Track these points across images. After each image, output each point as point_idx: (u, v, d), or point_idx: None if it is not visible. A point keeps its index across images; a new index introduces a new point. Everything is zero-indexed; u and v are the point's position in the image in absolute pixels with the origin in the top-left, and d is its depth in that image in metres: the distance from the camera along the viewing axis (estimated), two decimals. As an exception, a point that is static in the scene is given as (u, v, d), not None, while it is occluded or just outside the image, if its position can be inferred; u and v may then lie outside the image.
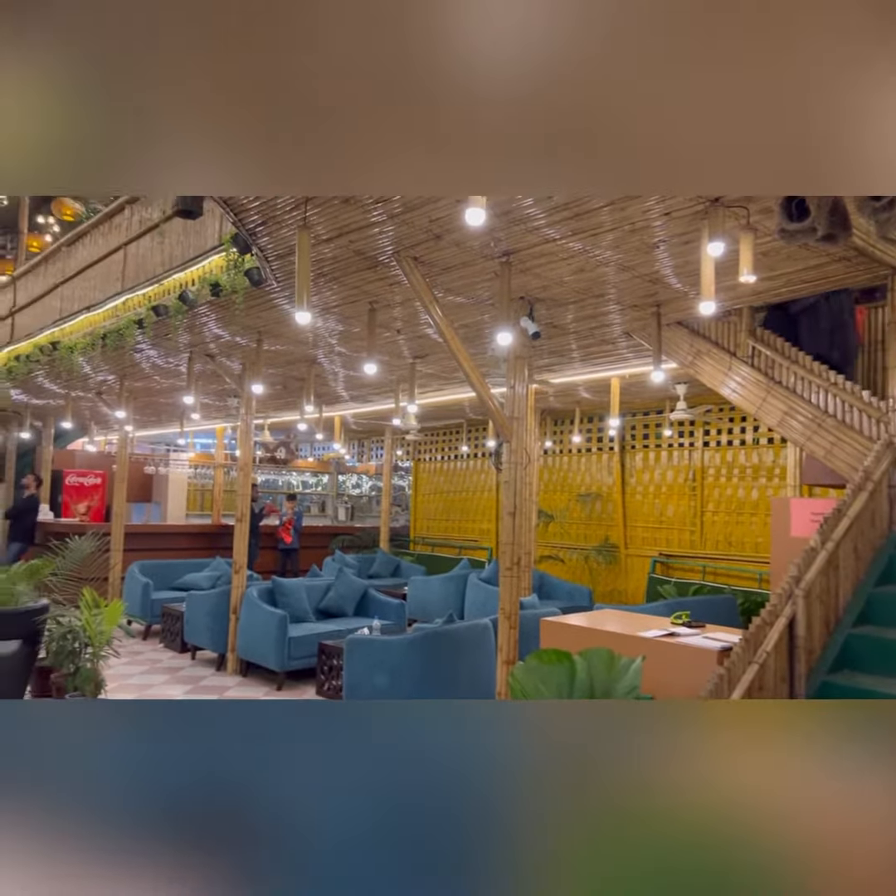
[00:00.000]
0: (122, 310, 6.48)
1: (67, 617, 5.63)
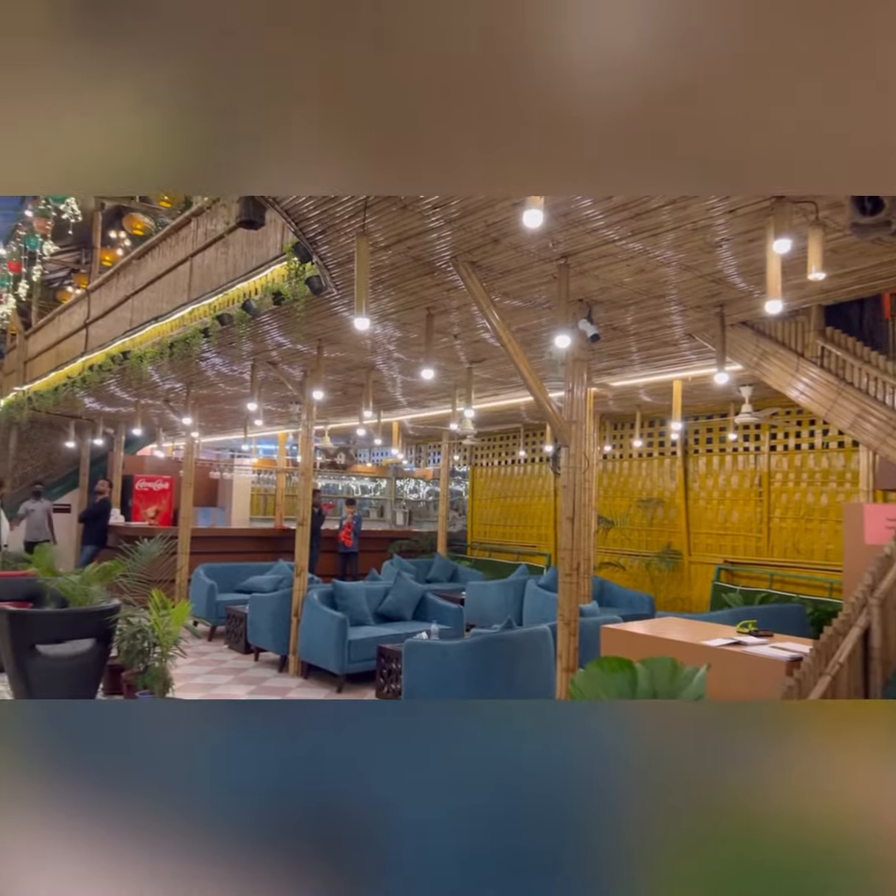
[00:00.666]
0: (188, 319, 6.68)
1: (137, 617, 5.82)
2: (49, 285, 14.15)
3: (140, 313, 7.98)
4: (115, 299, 8.72)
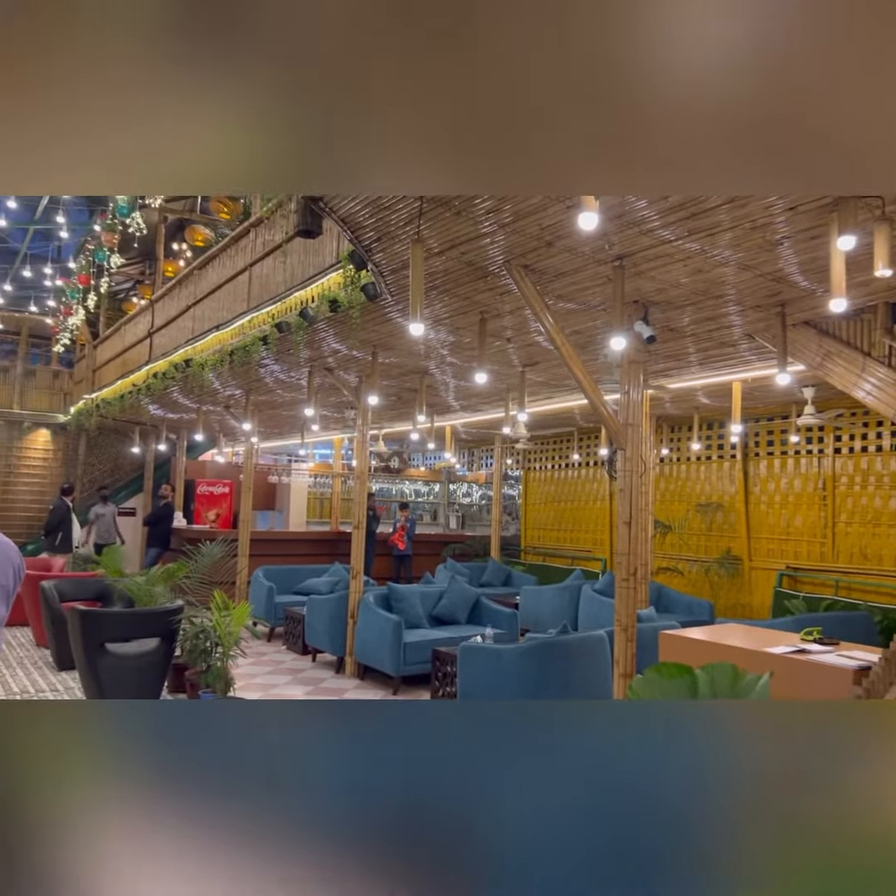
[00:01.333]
0: (247, 328, 6.86)
1: (199, 618, 5.99)
2: (115, 296, 14.70)
3: (201, 322, 8.22)
4: (178, 309, 9.00)
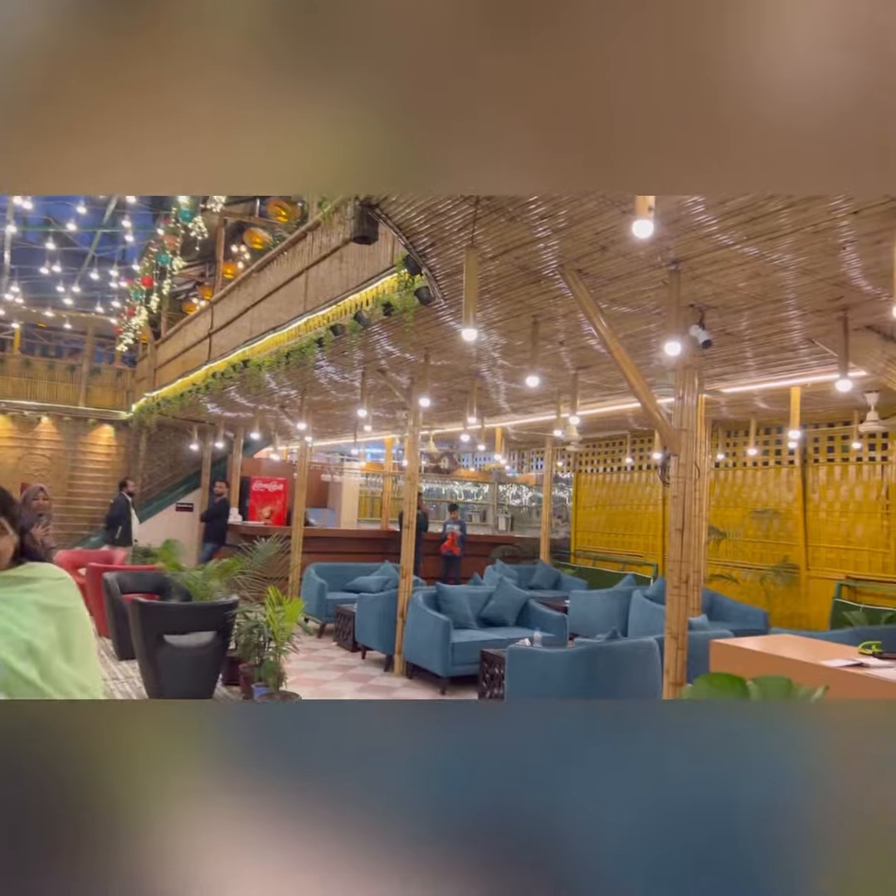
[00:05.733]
0: (303, 329, 7.00)
1: (254, 613, 6.15)
2: (176, 297, 15.14)
3: (259, 323, 8.42)
4: (236, 310, 9.23)
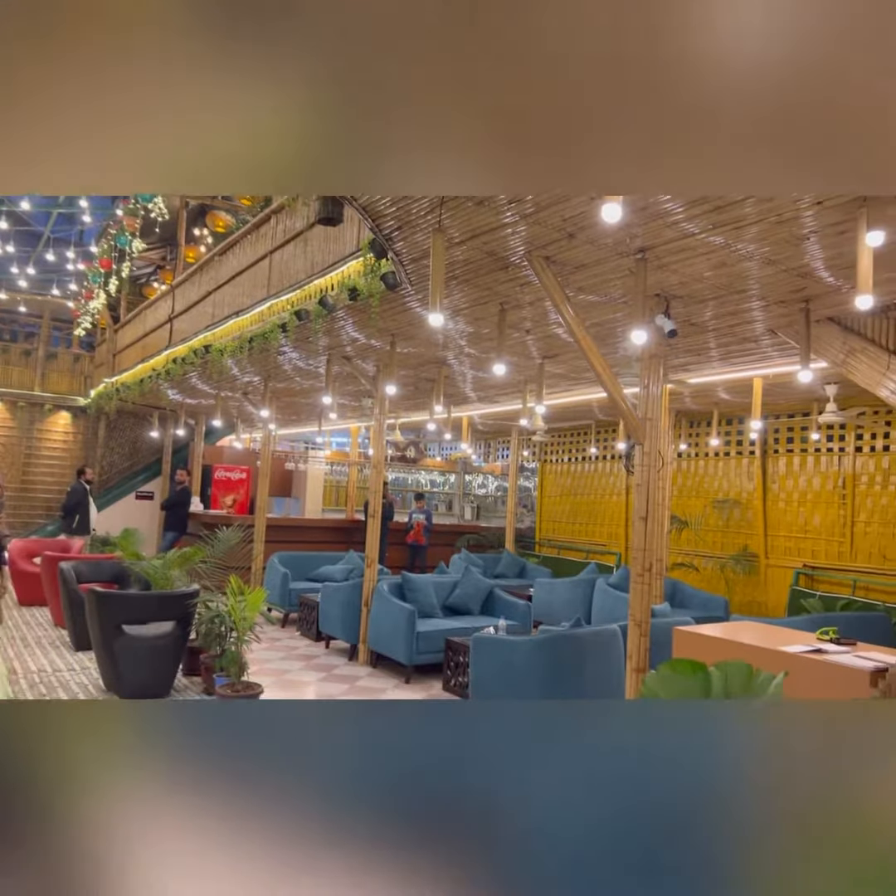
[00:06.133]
0: (267, 314, 6.87)
1: (215, 602, 6.04)
2: (136, 281, 14.79)
3: (221, 308, 8.25)
4: (198, 294, 9.03)
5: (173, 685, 6.14)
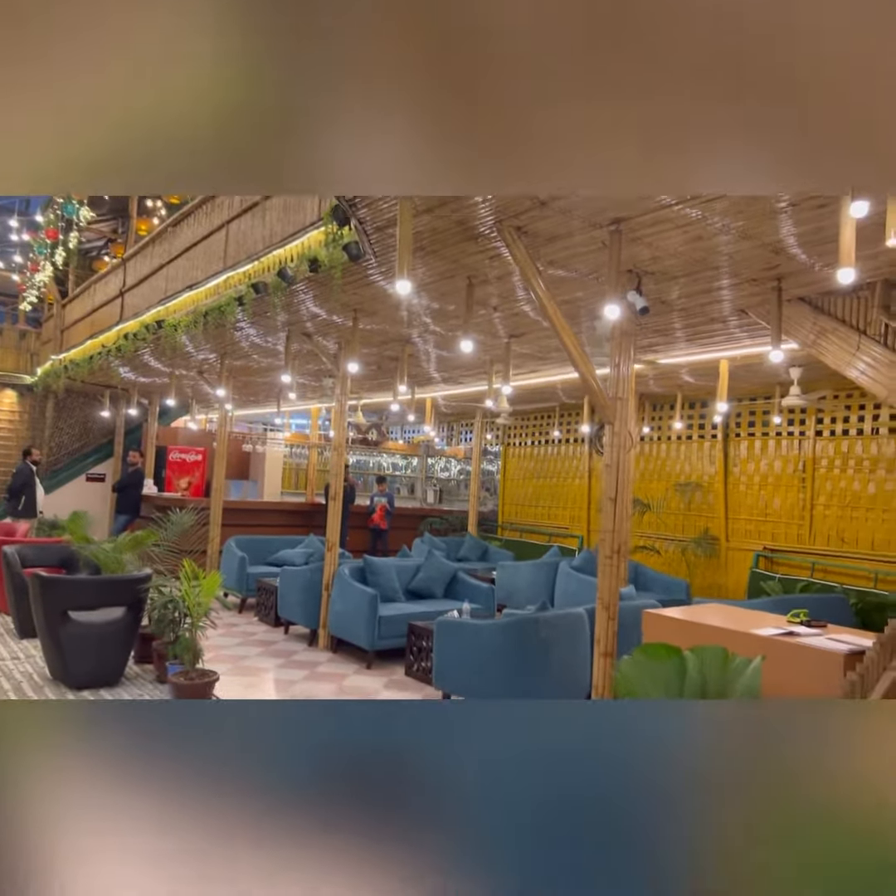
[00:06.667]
0: (223, 288, 6.58)
1: (168, 587, 5.80)
2: (86, 255, 14.20)
3: (175, 282, 7.90)
4: (151, 268, 8.66)
5: (124, 673, 5.89)
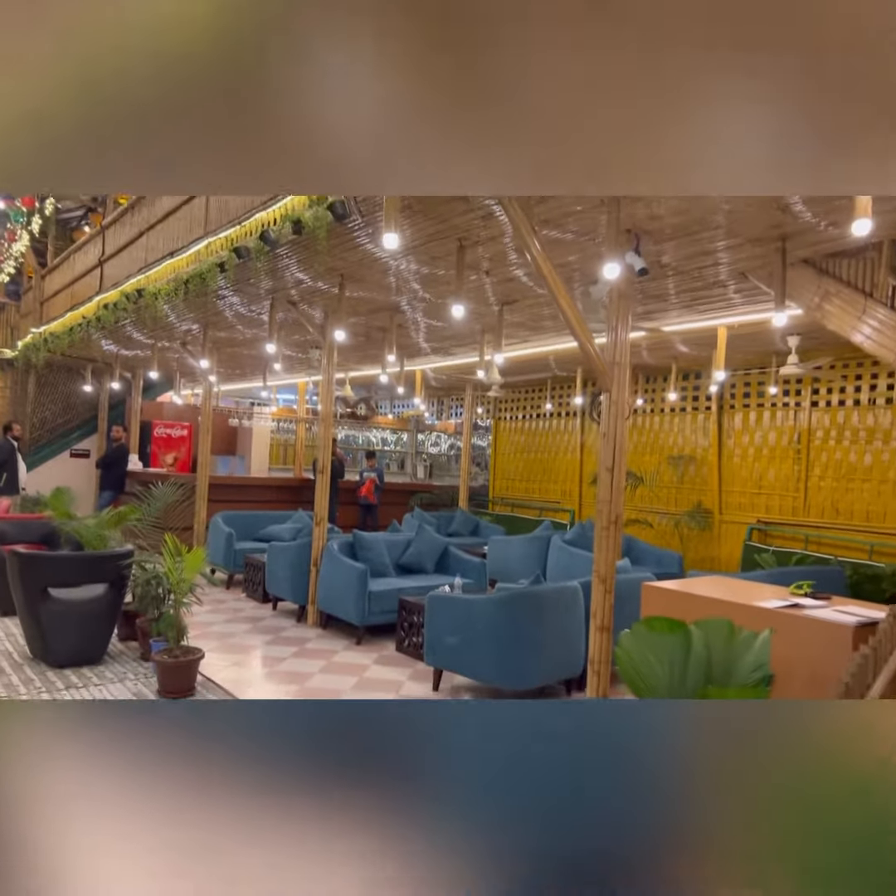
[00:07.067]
0: (204, 254, 6.33)
1: (152, 563, 5.63)
2: (66, 225, 13.82)
3: (155, 251, 7.64)
4: (130, 236, 8.38)
5: (107, 651, 5.74)
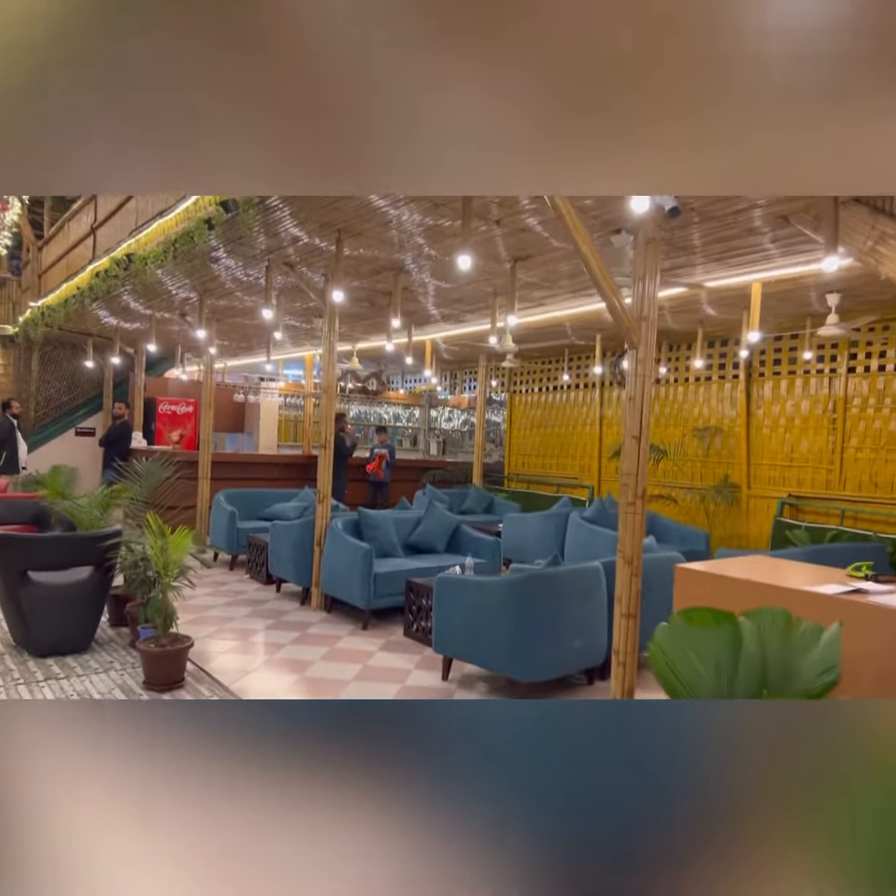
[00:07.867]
0: (193, 211, 5.87)
1: (142, 544, 5.24)
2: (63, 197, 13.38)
3: (145, 213, 7.19)
4: (120, 200, 7.92)
5: (95, 637, 5.39)
